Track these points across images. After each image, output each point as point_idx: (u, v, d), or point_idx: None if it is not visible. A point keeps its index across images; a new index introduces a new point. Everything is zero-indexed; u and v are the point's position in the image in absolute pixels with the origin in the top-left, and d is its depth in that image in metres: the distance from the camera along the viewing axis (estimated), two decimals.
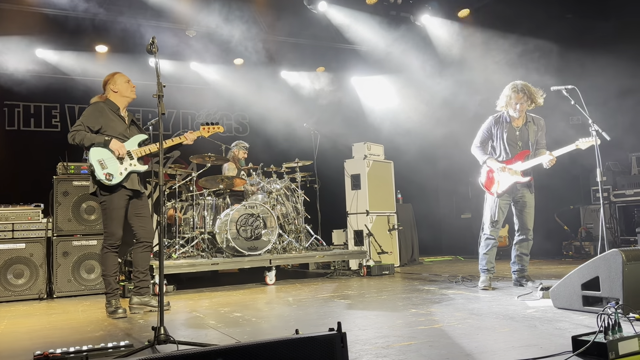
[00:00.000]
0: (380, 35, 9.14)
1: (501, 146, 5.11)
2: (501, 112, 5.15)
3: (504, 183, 5.01)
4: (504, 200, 5.06)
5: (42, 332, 3.84)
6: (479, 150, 5.22)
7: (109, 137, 4.29)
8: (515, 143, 5.08)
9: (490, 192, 5.09)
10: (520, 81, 5.01)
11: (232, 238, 6.15)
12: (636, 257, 3.39)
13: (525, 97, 4.93)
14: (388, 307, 4.28)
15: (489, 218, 5.12)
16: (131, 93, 4.54)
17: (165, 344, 2.88)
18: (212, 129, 4.76)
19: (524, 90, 4.93)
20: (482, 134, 5.22)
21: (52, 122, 9.00)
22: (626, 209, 8.17)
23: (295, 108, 10.23)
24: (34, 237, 5.80)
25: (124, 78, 4.54)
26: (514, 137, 5.08)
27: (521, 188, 5.06)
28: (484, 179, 5.17)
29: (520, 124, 5.09)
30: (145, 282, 4.53)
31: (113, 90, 4.48)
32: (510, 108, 5.02)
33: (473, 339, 2.94)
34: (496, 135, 5.14)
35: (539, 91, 4.99)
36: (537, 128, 5.13)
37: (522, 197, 5.08)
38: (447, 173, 10.55)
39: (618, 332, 2.46)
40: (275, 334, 3.40)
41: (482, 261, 5.15)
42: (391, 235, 8.15)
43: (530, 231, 5.10)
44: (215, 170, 7.51)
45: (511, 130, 5.09)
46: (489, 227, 5.11)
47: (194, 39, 8.76)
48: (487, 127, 5.20)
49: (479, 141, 5.23)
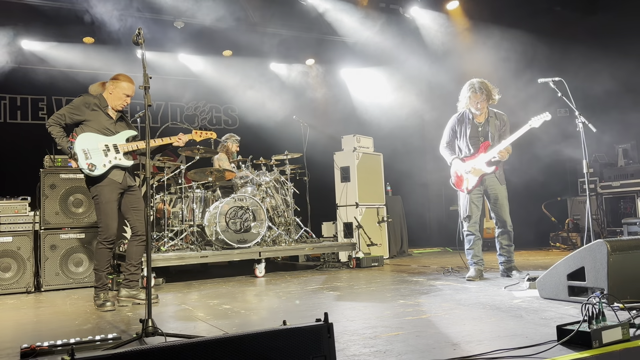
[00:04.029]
0: (369, 27, 9.13)
1: (465, 143, 5.21)
2: (463, 111, 5.24)
3: (472, 179, 5.10)
4: (475, 195, 5.14)
5: (29, 326, 3.82)
6: (446, 150, 5.34)
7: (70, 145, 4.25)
8: (477, 139, 5.16)
9: (461, 189, 5.20)
10: (477, 79, 5.10)
11: (221, 231, 6.14)
12: (621, 247, 3.43)
13: (484, 96, 5.04)
14: (376, 298, 4.30)
15: (462, 214, 5.24)
16: (119, 106, 4.44)
17: (153, 336, 2.88)
18: (205, 135, 4.75)
19: (482, 89, 5.03)
20: (448, 134, 5.34)
21: (38, 114, 8.92)
22: (612, 201, 8.26)
23: (284, 100, 10.21)
24: (21, 231, 5.75)
25: (125, 90, 4.41)
26: (476, 132, 5.17)
27: (490, 180, 5.12)
28: (453, 179, 5.28)
29: (482, 120, 5.20)
30: (136, 276, 4.52)
31: (109, 91, 4.44)
32: (472, 107, 5.14)
33: (460, 329, 2.96)
34: (460, 133, 5.26)
35: (495, 88, 5.12)
36: (500, 123, 5.21)
37: (493, 189, 5.14)
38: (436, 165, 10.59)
39: (602, 321, 2.50)
40: (264, 326, 3.41)
41: (468, 255, 5.26)
42: (380, 227, 8.18)
43: (507, 222, 5.16)
44: (204, 162, 7.48)
45: (474, 127, 5.18)
46: (465, 222, 5.21)
47: (182, 30, 8.70)
48: (451, 127, 5.32)
49: (445, 142, 5.36)
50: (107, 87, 4.47)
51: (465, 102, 5.15)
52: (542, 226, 8.98)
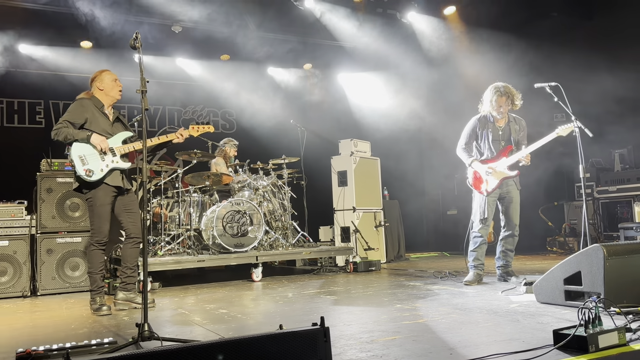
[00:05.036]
0: (366, 32, 9.16)
1: (486, 146, 5.19)
2: (485, 113, 5.22)
3: (492, 181, 5.06)
4: (492, 197, 5.11)
5: (25, 330, 3.80)
6: (464, 152, 5.28)
7: (90, 132, 4.25)
8: (498, 142, 5.17)
9: (480, 191, 5.13)
10: (502, 83, 5.10)
11: (218, 235, 6.13)
12: (617, 252, 3.44)
13: (508, 101, 5.05)
14: (373, 302, 4.30)
15: (478, 215, 5.14)
16: (116, 93, 4.49)
17: (150, 340, 2.87)
18: (202, 129, 4.74)
19: (507, 93, 5.04)
20: (467, 135, 5.29)
21: (36, 118, 8.91)
22: (609, 205, 8.27)
23: (282, 104, 10.23)
24: (18, 235, 5.73)
25: (111, 76, 4.48)
26: (498, 136, 5.18)
27: (508, 184, 5.11)
28: (471, 179, 5.22)
29: (503, 124, 5.20)
30: (132, 278, 4.52)
31: (99, 87, 4.44)
32: (494, 111, 5.11)
33: (456, 334, 2.96)
34: (481, 135, 5.22)
35: (518, 93, 5.11)
36: (519, 127, 5.23)
37: (509, 192, 5.14)
38: (433, 169, 10.62)
39: (598, 325, 2.50)
40: (261, 330, 3.40)
41: (470, 257, 5.21)
42: (378, 231, 8.18)
43: (517, 227, 5.15)
44: (202, 166, 7.47)
45: (495, 130, 5.18)
46: (479, 224, 5.13)
47: (180, 34, 8.71)
48: (472, 128, 5.27)
49: (464, 142, 5.29)
50: (93, 87, 4.46)
51: (489, 104, 5.12)
52: (538, 231, 8.99)
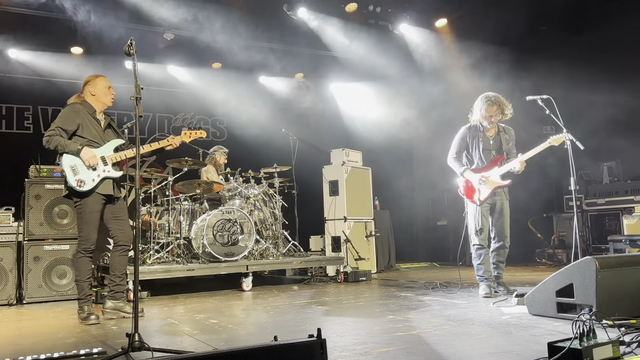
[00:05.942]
0: (358, 43, 9.20)
1: (477, 155, 5.19)
2: (475, 123, 5.23)
3: (485, 191, 5.06)
4: (485, 207, 5.10)
5: (10, 339, 3.73)
6: (455, 161, 5.27)
7: (81, 146, 4.19)
8: (489, 151, 5.17)
9: (473, 200, 5.12)
10: (492, 93, 5.10)
11: (208, 244, 6.08)
12: (609, 264, 3.45)
13: (498, 110, 5.06)
14: (365, 313, 4.27)
15: (473, 227, 5.13)
16: (108, 100, 4.46)
17: (140, 351, 2.82)
18: (194, 134, 4.71)
19: (497, 103, 5.04)
20: (458, 145, 5.28)
21: (24, 123, 8.82)
22: (598, 218, 8.33)
23: (273, 113, 10.22)
24: (4, 242, 5.64)
25: (105, 83, 4.45)
26: (488, 145, 5.18)
27: (499, 193, 5.12)
28: (462, 189, 5.21)
29: (493, 134, 5.21)
30: (120, 287, 4.45)
31: (91, 93, 4.40)
32: (484, 120, 5.12)
33: (450, 345, 2.95)
34: (472, 145, 5.22)
35: (508, 103, 5.12)
36: (509, 137, 5.25)
37: (500, 202, 5.13)
38: (423, 180, 10.64)
39: (593, 338, 2.49)
40: (253, 341, 3.37)
41: (479, 271, 5.13)
42: (368, 241, 8.17)
43: (507, 238, 5.14)
44: (192, 174, 7.42)
45: (485, 140, 5.18)
46: (476, 236, 5.11)
47: (172, 42, 8.68)
48: (462, 137, 5.27)
49: (455, 152, 5.28)
50: (85, 92, 4.42)
51: (479, 114, 5.12)
52: (528, 242, 9.02)
